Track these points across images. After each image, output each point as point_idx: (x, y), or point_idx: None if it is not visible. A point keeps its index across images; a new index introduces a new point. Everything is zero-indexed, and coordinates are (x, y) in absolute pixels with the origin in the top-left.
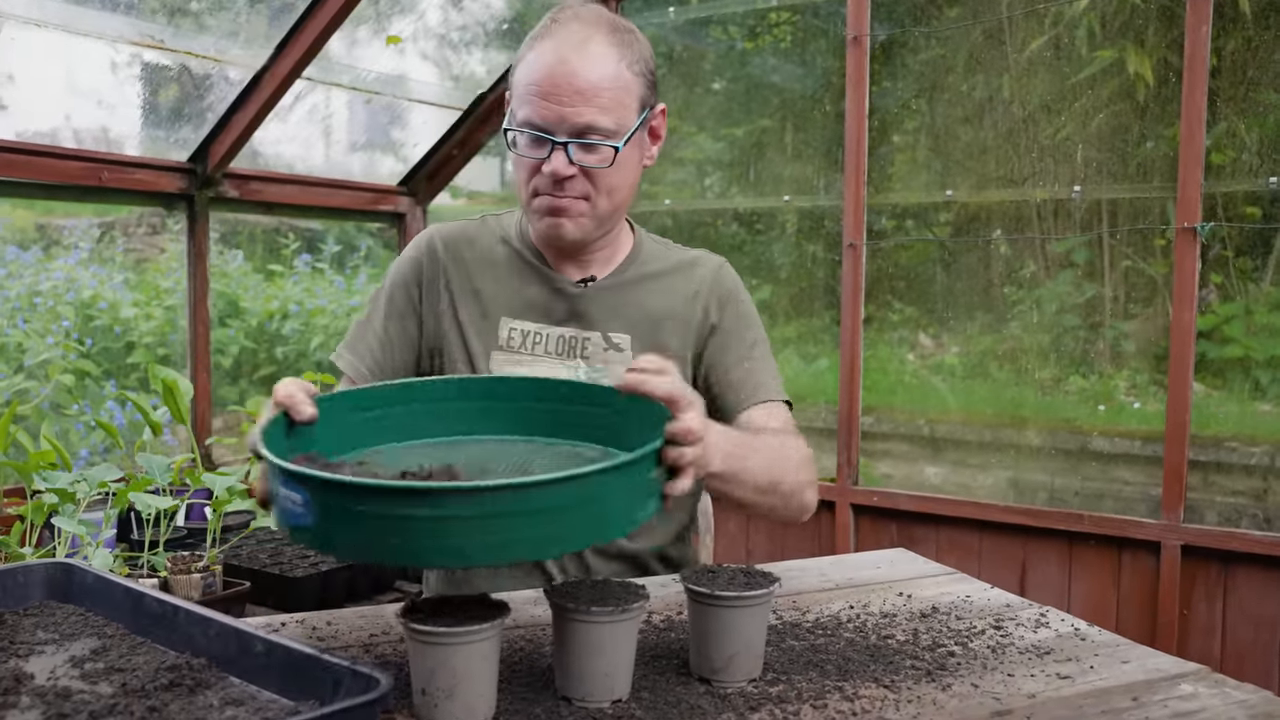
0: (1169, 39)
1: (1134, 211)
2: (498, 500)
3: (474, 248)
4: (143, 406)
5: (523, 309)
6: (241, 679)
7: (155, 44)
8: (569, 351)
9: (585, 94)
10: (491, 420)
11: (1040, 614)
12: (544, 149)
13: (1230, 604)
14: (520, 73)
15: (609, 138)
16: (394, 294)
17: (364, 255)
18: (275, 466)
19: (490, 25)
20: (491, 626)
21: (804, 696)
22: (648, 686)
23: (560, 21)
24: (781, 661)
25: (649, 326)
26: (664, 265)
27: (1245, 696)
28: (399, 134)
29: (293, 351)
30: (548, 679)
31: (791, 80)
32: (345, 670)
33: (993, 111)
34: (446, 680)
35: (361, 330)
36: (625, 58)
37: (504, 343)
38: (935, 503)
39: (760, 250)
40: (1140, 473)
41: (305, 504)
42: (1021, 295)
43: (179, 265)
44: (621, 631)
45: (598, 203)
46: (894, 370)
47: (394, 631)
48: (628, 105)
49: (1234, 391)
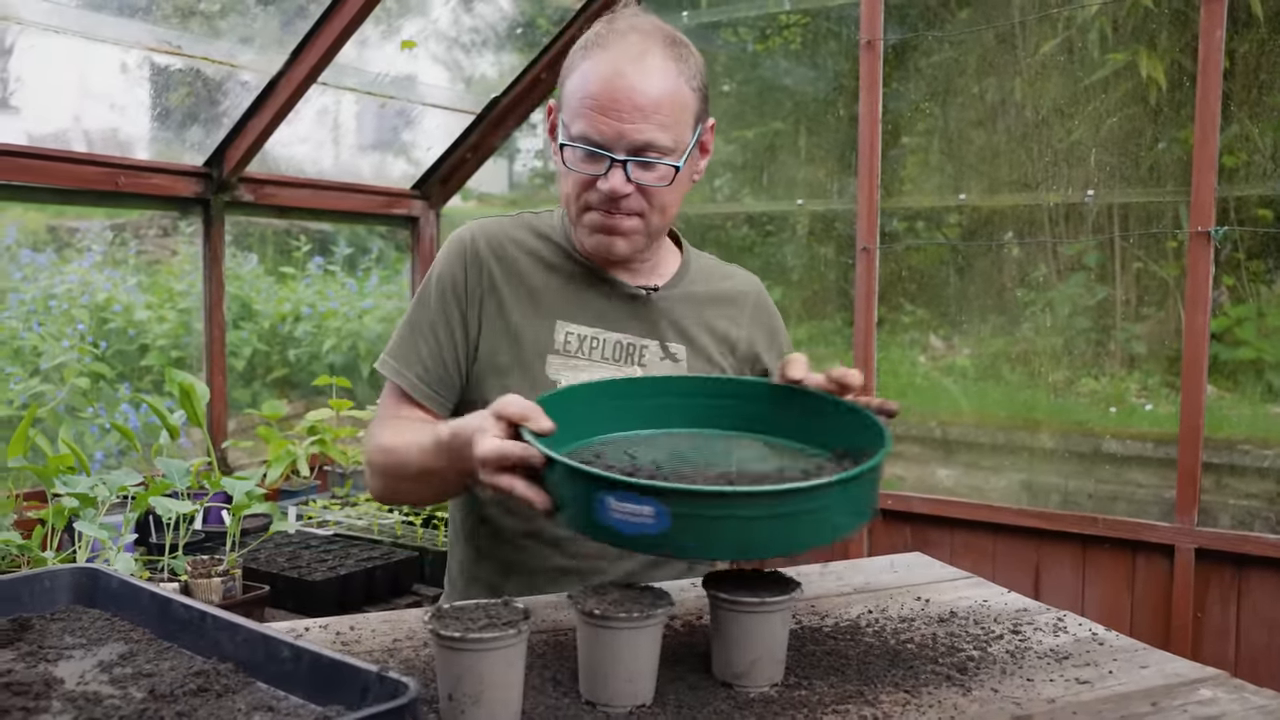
0: (1181, 42)
1: (1146, 215)
2: (825, 495)
3: (520, 247)
4: (160, 410)
5: (579, 312)
6: (269, 684)
7: (171, 49)
8: (626, 358)
9: (645, 110)
10: (670, 415)
11: (1058, 618)
12: (600, 165)
13: (1244, 607)
14: (574, 83)
15: (667, 155)
16: (442, 295)
17: (375, 258)
18: (609, 480)
19: (501, 28)
20: (518, 632)
21: (825, 701)
22: (671, 691)
23: (618, 32)
24: (802, 666)
25: (704, 343)
26: (712, 283)
27: (1265, 702)
28: (410, 136)
29: (305, 354)
30: (571, 684)
31: (803, 83)
32: (373, 676)
33: (1005, 115)
34: (473, 686)
35: (409, 336)
36: (683, 73)
37: (560, 346)
38: (949, 505)
39: (771, 252)
40: (1153, 475)
41: (656, 514)
42: (1033, 298)
43: (193, 268)
44: (646, 637)
45: (650, 220)
46: (905, 372)
47: (418, 636)
48: (685, 122)
49: (1246, 394)
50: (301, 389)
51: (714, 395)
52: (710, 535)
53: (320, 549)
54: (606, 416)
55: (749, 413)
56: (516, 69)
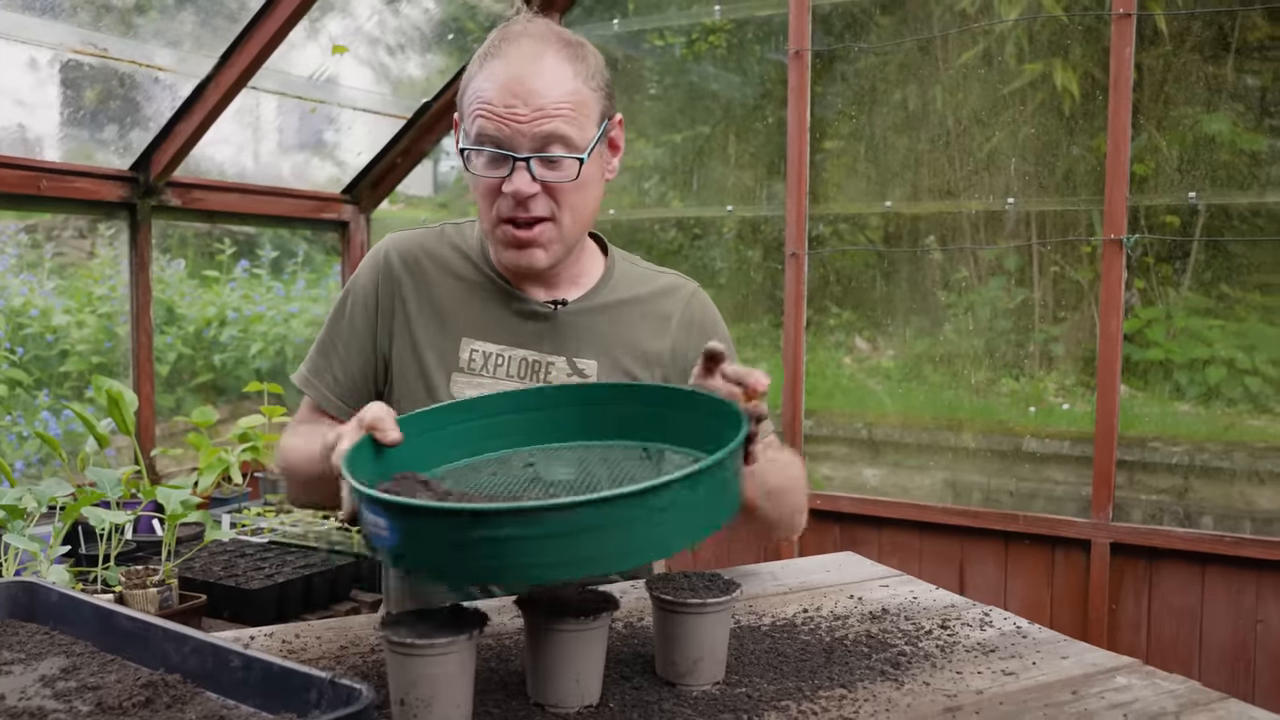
0: (1093, 54)
1: (1062, 221)
2: (580, 516)
3: (433, 260)
4: (87, 419)
5: (485, 329)
6: (219, 694)
7: (96, 52)
8: (532, 375)
9: (544, 108)
10: (550, 428)
11: (984, 613)
12: (504, 167)
13: (1155, 598)
14: (471, 92)
15: (570, 150)
16: (353, 313)
17: (301, 261)
18: (359, 492)
19: (427, 29)
20: (469, 638)
21: (766, 698)
22: (616, 692)
23: (510, 39)
24: (743, 664)
25: (616, 355)
26: (636, 291)
27: (1174, 687)
28: (339, 141)
29: (231, 359)
30: (517, 686)
31: (732, 90)
32: (325, 682)
33: (927, 123)
34: (426, 690)
35: (324, 353)
36: (580, 73)
37: (464, 364)
38: (877, 505)
39: (699, 255)
40: (1070, 472)
41: (389, 528)
42: (954, 300)
43: (113, 271)
44: (593, 639)
45: (563, 222)
46: (832, 374)
47: (364, 643)
48: (587, 117)
49: (1155, 393)
50: (227, 394)
51: (591, 402)
52: (433, 553)
53: (256, 557)
54: (484, 433)
55: (627, 415)
56: (445, 71)
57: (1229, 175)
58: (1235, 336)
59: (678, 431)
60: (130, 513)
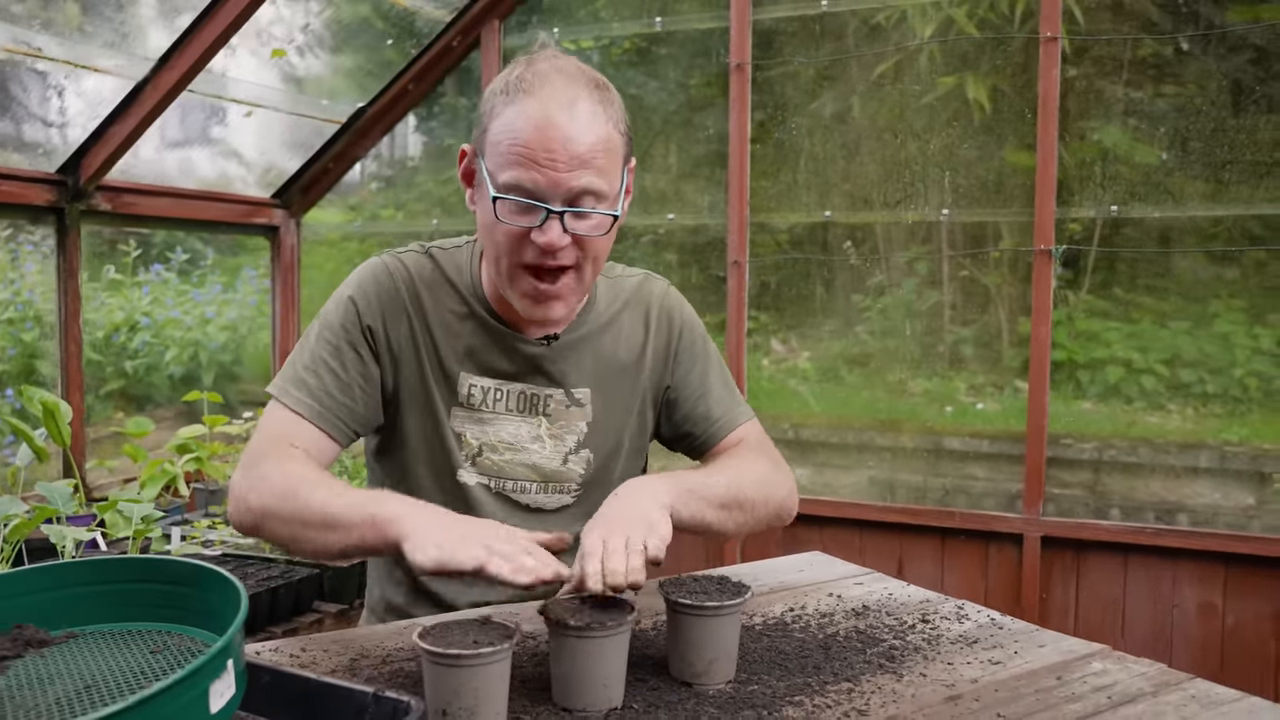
0: (1003, 66)
1: (978, 229)
2: None
3: (431, 291)
4: (25, 431)
5: (481, 365)
6: (247, 712)
7: (30, 50)
8: (530, 408)
9: (581, 158)
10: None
11: (958, 607)
12: (535, 217)
13: (1083, 587)
14: (499, 131)
15: (602, 203)
16: (350, 331)
17: (211, 264)
18: None
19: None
20: (507, 647)
21: (780, 694)
22: (637, 693)
23: (541, 76)
24: (749, 663)
25: (606, 377)
26: (615, 306)
27: (1145, 669)
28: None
29: (143, 365)
30: (541, 692)
31: (673, 101)
32: (369, 697)
33: (846, 132)
34: (469, 700)
35: (313, 368)
36: (611, 117)
37: (464, 399)
38: (817, 504)
39: (637, 259)
40: (989, 469)
41: None
42: (869, 303)
43: (17, 276)
44: (619, 644)
45: (585, 271)
46: (751, 375)
47: (373, 654)
48: (615, 166)
49: (1060, 391)
50: (140, 402)
51: (112, 580)
52: None
53: None
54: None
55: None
56: (383, 80)
57: (1129, 189)
58: (1130, 338)
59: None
60: (88, 527)
